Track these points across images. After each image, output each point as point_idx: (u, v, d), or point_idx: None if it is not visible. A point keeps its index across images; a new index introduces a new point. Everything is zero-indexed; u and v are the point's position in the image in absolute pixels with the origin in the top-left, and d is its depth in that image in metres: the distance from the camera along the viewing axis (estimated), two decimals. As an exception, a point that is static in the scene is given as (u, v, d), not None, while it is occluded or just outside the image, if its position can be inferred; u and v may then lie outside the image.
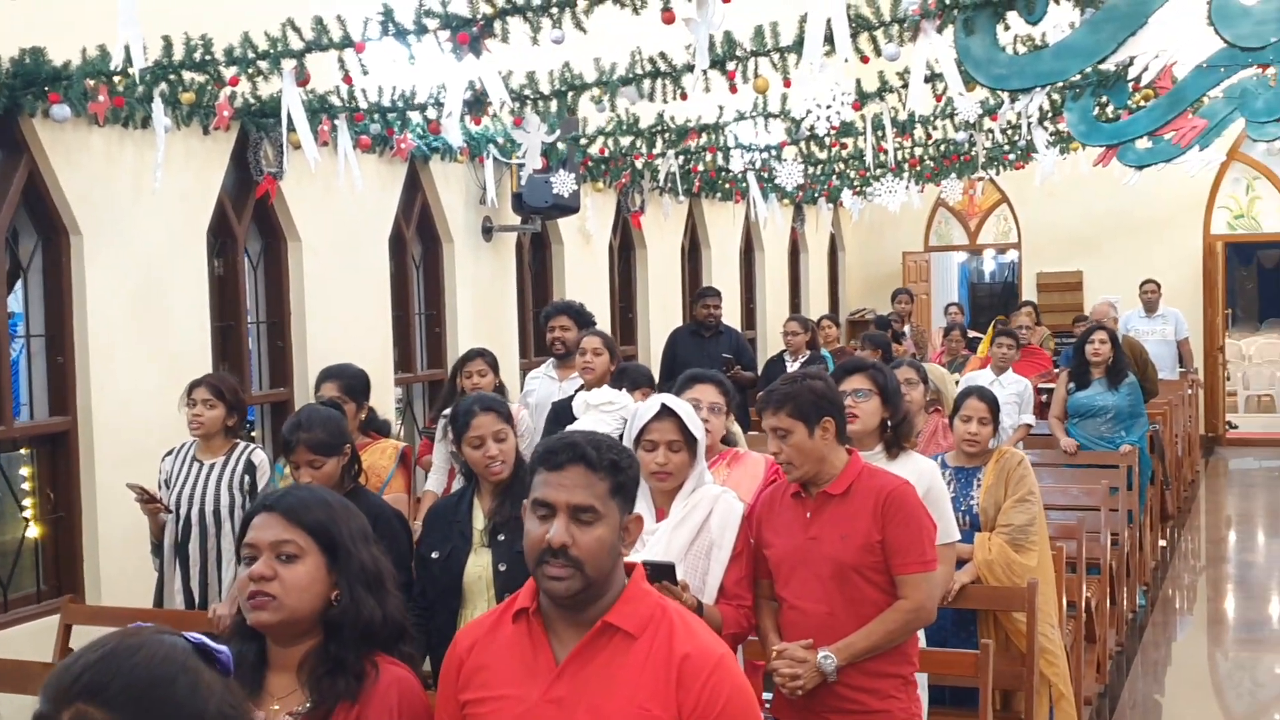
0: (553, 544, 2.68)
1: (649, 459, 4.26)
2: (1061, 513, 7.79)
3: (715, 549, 4.25)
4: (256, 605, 2.67)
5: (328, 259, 8.61)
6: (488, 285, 10.50)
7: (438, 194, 9.86)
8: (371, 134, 8.24)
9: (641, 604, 2.75)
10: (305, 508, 2.74)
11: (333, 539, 2.73)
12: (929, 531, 4.22)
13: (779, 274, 17.16)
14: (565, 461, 2.74)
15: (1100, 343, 9.61)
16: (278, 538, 2.70)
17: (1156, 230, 17.61)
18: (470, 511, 4.77)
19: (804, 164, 11.72)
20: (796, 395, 4.23)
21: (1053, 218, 18.07)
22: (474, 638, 2.85)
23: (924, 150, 12.17)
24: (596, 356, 7.30)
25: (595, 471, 2.73)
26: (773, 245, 16.76)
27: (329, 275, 8.62)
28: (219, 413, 5.95)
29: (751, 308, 16.44)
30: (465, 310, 10.18)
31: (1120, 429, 9.58)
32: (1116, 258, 17.72)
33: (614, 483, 2.75)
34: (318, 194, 8.35)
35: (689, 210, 14.35)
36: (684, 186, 12.28)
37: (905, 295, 15.52)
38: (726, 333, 11.48)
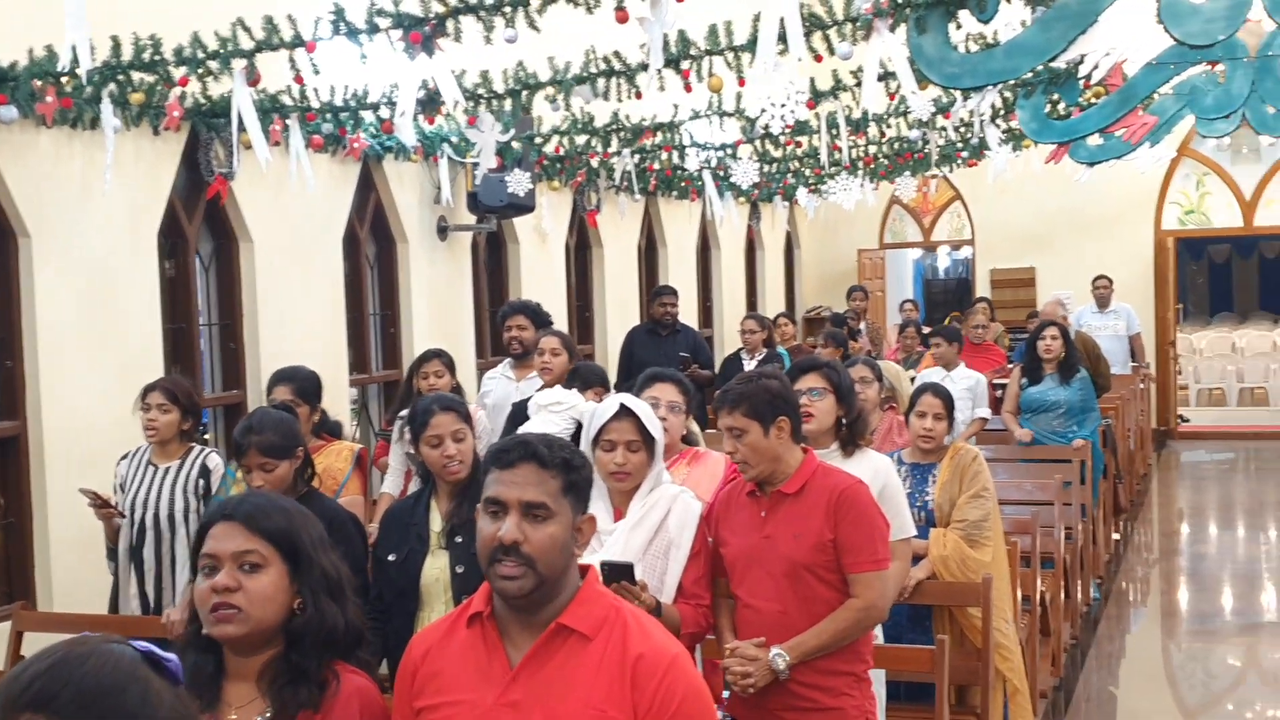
0: (504, 541, 2.67)
1: (607, 459, 4.26)
2: (1015, 507, 7.82)
3: (673, 548, 4.24)
4: (221, 619, 2.62)
5: (280, 260, 8.55)
6: (443, 285, 10.47)
7: (392, 194, 9.82)
8: (324, 133, 8.19)
9: (595, 605, 2.73)
10: (266, 515, 2.69)
11: (295, 547, 2.70)
12: (881, 530, 4.23)
13: (735, 272, 17.19)
14: (517, 459, 2.73)
15: (1052, 339, 9.69)
16: (240, 547, 2.65)
17: (1108, 226, 17.74)
18: (427, 513, 4.75)
19: (759, 162, 11.74)
20: (751, 395, 4.24)
21: (1006, 215, 18.17)
22: (428, 643, 2.83)
23: (878, 148, 12.21)
24: (555, 356, 7.29)
25: (547, 469, 2.72)
26: (729, 243, 16.78)
27: (282, 276, 8.57)
28: (174, 417, 5.91)
29: (708, 305, 16.46)
30: (420, 310, 10.14)
31: (1072, 424, 9.65)
32: (1069, 254, 17.84)
33: (566, 481, 2.74)
34: (270, 194, 8.29)
35: (645, 209, 14.35)
36: (640, 185, 12.28)
37: (860, 292, 15.58)
38: (684, 331, 11.48)
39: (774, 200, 15.81)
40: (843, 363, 5.60)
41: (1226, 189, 17.70)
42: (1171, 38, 6.38)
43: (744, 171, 10.81)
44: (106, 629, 5.73)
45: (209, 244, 8.34)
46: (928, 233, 19.41)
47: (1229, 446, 17.70)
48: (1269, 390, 20.99)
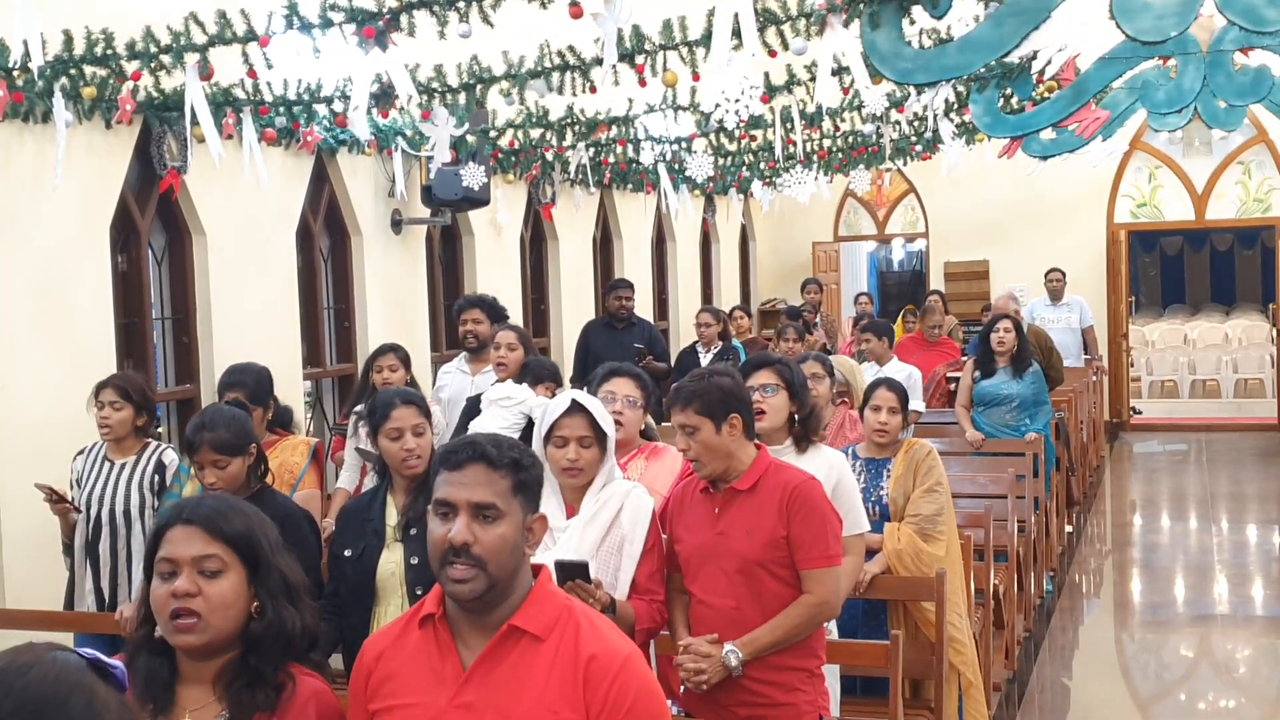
0: (454, 543, 2.67)
1: (559, 455, 4.28)
2: (969, 500, 7.89)
3: (627, 544, 4.26)
4: (181, 628, 2.61)
5: (233, 254, 8.52)
6: (397, 278, 10.45)
7: (345, 187, 9.79)
8: (277, 127, 8.17)
9: (548, 605, 2.75)
10: (225, 519, 2.68)
11: (255, 551, 2.69)
12: (834, 527, 4.26)
13: (690, 264, 17.22)
14: (465, 460, 2.73)
15: (1005, 331, 9.75)
16: (201, 552, 2.64)
17: (1061, 219, 17.87)
18: (383, 509, 4.75)
19: (714, 155, 11.78)
20: (703, 392, 4.26)
21: (959, 207, 18.28)
22: (381, 646, 2.84)
23: (832, 142, 12.26)
24: (511, 352, 7.28)
25: (496, 469, 2.72)
26: (684, 236, 16.81)
27: (235, 270, 8.53)
28: (127, 414, 5.89)
29: (664, 298, 16.48)
30: (375, 304, 10.12)
31: (1025, 417, 9.72)
32: (1022, 247, 17.97)
33: (515, 480, 2.75)
34: (223, 188, 8.26)
35: (600, 201, 14.35)
36: (595, 178, 12.29)
37: (815, 285, 15.64)
38: (639, 324, 11.50)
39: (729, 193, 15.86)
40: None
41: (1179, 182, 17.87)
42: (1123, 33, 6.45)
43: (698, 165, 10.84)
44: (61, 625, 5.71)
45: (161, 238, 8.30)
46: (882, 225, 19.50)
47: (1181, 438, 17.88)
48: (1220, 382, 21.20)
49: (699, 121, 9.82)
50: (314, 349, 9.72)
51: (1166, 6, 6.22)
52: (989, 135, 9.88)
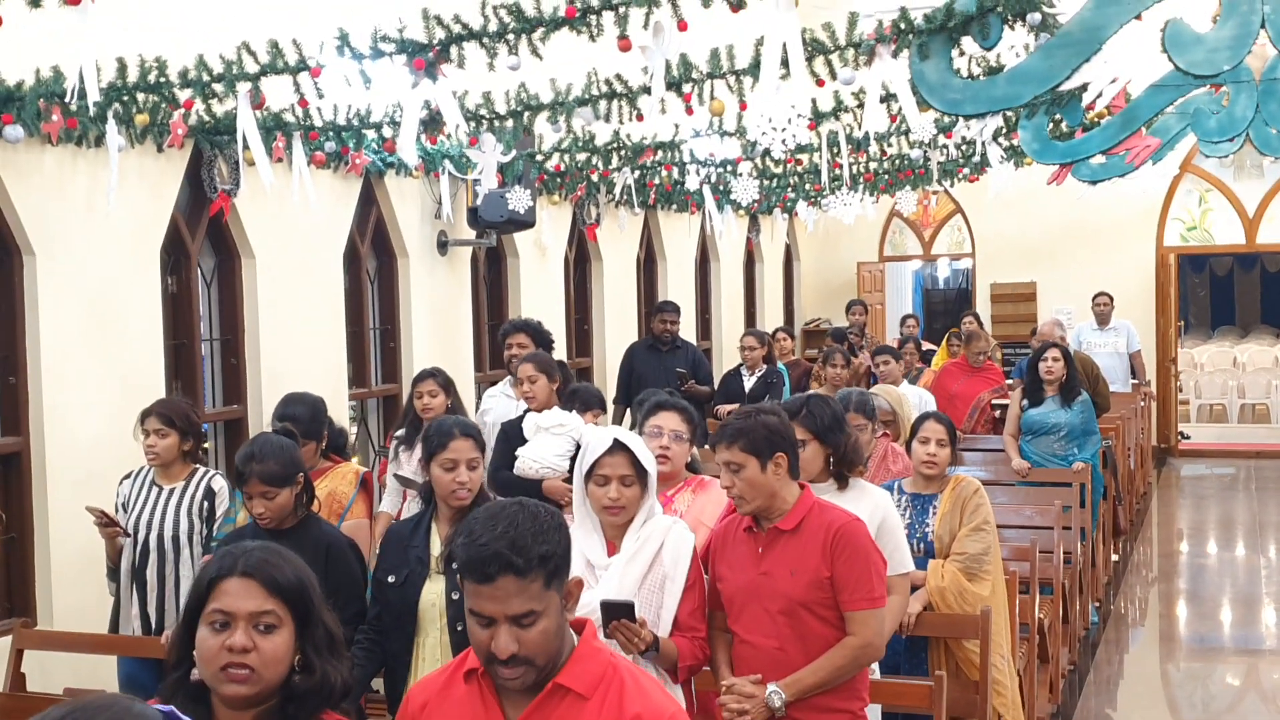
0: (500, 656, 2.69)
1: (601, 493, 4.31)
2: (1014, 532, 7.88)
3: (669, 582, 4.29)
4: (233, 679, 2.64)
5: (282, 275, 8.61)
6: (443, 299, 10.53)
7: (393, 209, 9.88)
8: (326, 150, 8.25)
9: (592, 663, 2.78)
10: (281, 572, 2.71)
11: (306, 605, 2.72)
12: (878, 568, 4.28)
13: (734, 284, 17.25)
14: (495, 574, 2.69)
15: (1054, 360, 9.70)
16: (259, 608, 2.67)
17: (1110, 242, 17.78)
18: (428, 537, 4.79)
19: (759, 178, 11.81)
20: (749, 430, 4.28)
21: (1006, 228, 18.22)
22: (425, 696, 2.88)
23: (878, 165, 12.27)
24: (533, 384, 7.26)
25: (526, 576, 2.70)
26: (728, 256, 16.84)
27: (283, 291, 8.62)
28: (173, 440, 5.95)
29: (707, 318, 16.51)
30: (420, 325, 10.20)
31: (1073, 446, 9.67)
32: (1070, 269, 17.89)
33: (547, 574, 2.73)
34: (272, 210, 8.35)
35: (644, 222, 14.40)
36: (639, 199, 12.34)
37: (860, 307, 15.63)
38: (683, 347, 11.52)
39: (773, 213, 15.87)
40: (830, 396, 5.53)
41: (1229, 205, 17.74)
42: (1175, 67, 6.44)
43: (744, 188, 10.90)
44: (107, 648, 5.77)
45: (211, 260, 8.40)
46: (928, 246, 19.48)
47: (1230, 463, 17.75)
48: (1270, 406, 21.01)
49: (745, 146, 9.86)
50: (359, 369, 9.80)
51: (1219, 40, 6.20)
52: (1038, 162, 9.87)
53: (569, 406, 7.03)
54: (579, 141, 9.60)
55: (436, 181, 9.83)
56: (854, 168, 12.03)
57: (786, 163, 11.70)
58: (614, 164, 10.54)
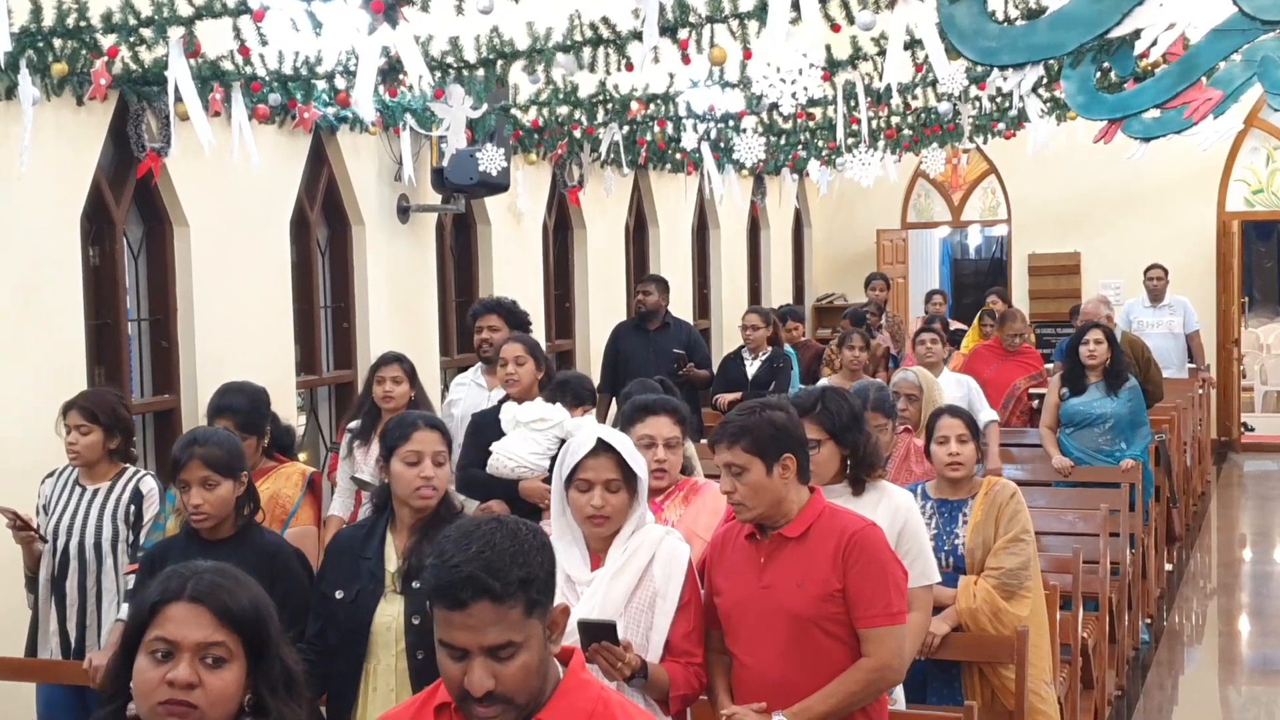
0: (475, 694, 2.67)
1: (583, 500, 4.29)
2: (1055, 539, 7.89)
3: (659, 599, 4.29)
4: (174, 715, 2.62)
5: (220, 245, 8.58)
6: (404, 273, 10.51)
7: (346, 170, 9.85)
8: (270, 104, 8.22)
9: (579, 698, 2.77)
10: (235, 599, 2.68)
11: (263, 639, 2.70)
12: (897, 579, 4.27)
13: (736, 254, 17.24)
14: (468, 600, 2.67)
15: (1095, 343, 9.68)
16: (207, 638, 2.65)
17: (1164, 207, 17.79)
18: (382, 547, 4.75)
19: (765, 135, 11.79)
20: (754, 428, 4.26)
21: (1047, 192, 18.21)
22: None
23: (901, 119, 12.25)
24: (520, 366, 7.21)
25: (504, 602, 2.68)
26: (729, 222, 16.83)
27: (221, 264, 8.60)
28: (96, 437, 5.95)
29: (705, 294, 16.50)
30: (378, 302, 10.18)
31: (1120, 440, 9.65)
32: (1118, 237, 17.90)
33: (527, 601, 2.71)
34: (208, 172, 8.31)
35: (634, 184, 14.38)
36: (628, 158, 12.32)
37: (881, 281, 15.59)
38: (675, 325, 11.50)
39: (781, 174, 15.85)
40: (845, 390, 5.51)
41: (1300, 165, 17.76)
42: (1240, 11, 6.43)
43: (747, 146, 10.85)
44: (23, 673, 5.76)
45: (139, 228, 8.38)
46: (957, 211, 19.48)
47: (1299, 459, 17.80)
48: (1345, 394, 21.06)
49: (749, 99, 9.84)
50: (309, 354, 9.79)
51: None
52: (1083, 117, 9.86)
53: (555, 399, 7.00)
54: (559, 93, 9.58)
55: (396, 139, 9.80)
56: (874, 123, 12.01)
57: (797, 117, 11.66)
58: (599, 119, 10.51)
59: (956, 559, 5.89)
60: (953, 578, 5.77)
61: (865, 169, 13.25)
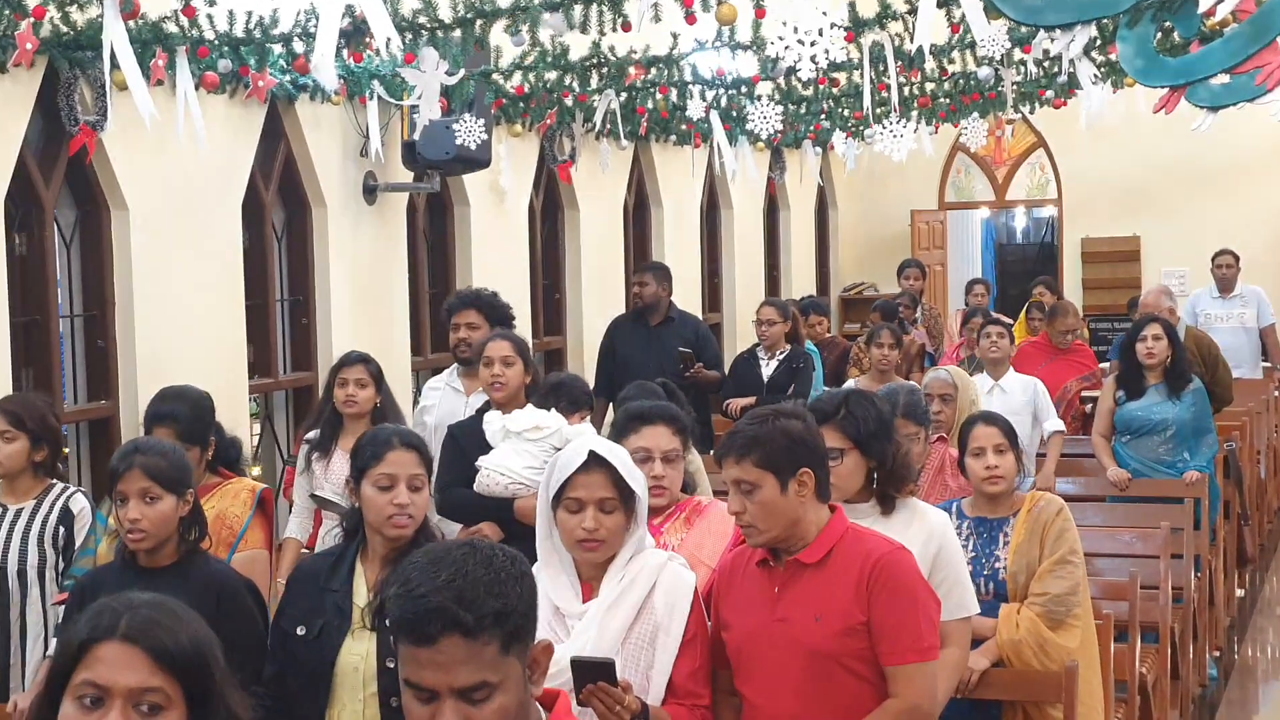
0: None
1: (574, 522, 4.29)
2: (1109, 562, 7.88)
3: (661, 634, 4.29)
4: None
5: (163, 232, 8.59)
6: (371, 261, 10.51)
7: (306, 145, 9.86)
8: (220, 71, 8.21)
9: None
10: (175, 639, 2.65)
11: (204, 683, 2.66)
12: (929, 610, 4.28)
13: (751, 238, 17.24)
14: (437, 634, 2.68)
15: (1154, 339, 9.63)
16: (142, 684, 2.61)
17: (1234, 185, 17.78)
18: (351, 578, 4.75)
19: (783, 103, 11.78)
20: (766, 439, 4.25)
21: (1102, 168, 18.21)
22: None
23: (937, 86, 12.24)
24: (508, 367, 7.17)
25: (477, 637, 2.69)
26: (743, 202, 16.83)
27: (165, 253, 8.60)
28: (20, 446, 5.95)
29: (716, 283, 16.51)
30: (341, 294, 10.18)
31: (1184, 450, 9.61)
32: (1183, 220, 17.90)
33: (504, 636, 2.72)
34: (149, 148, 8.31)
35: (634, 158, 14.39)
36: (627, 129, 12.31)
37: (916, 269, 15.60)
38: (680, 320, 11.45)
39: (802, 146, 15.83)
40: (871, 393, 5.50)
41: (1392, 137, 17.74)
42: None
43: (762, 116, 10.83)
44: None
45: (71, 213, 8.39)
46: (1001, 189, 19.50)
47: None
48: None
49: (763, 63, 9.83)
50: (264, 353, 9.80)
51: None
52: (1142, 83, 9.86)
53: (549, 404, 6.95)
54: (547, 56, 9.58)
55: (362, 109, 9.80)
56: (905, 89, 12.00)
57: (818, 83, 11.65)
58: (593, 85, 10.51)
59: (997, 584, 5.89)
60: (993, 606, 5.77)
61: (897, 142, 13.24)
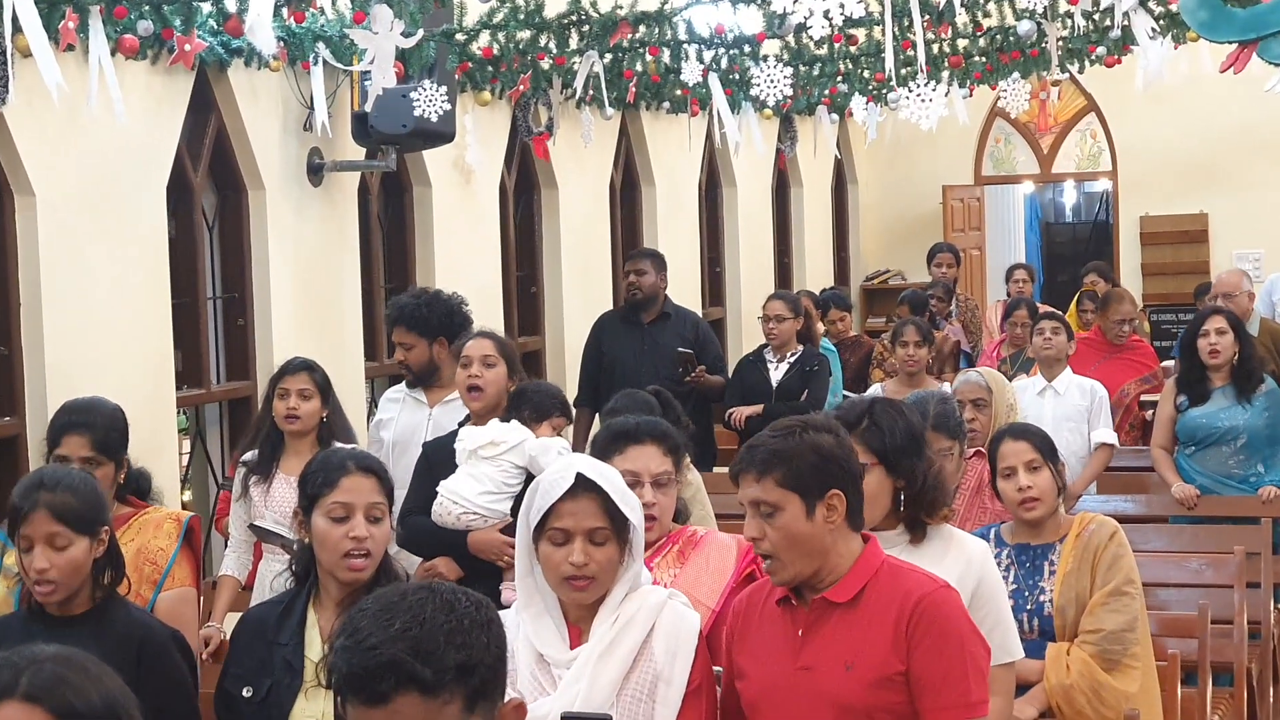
0: None
1: (559, 556, 4.28)
2: (1175, 593, 7.89)
3: (662, 684, 4.29)
4: None
5: (75, 221, 8.58)
6: (317, 252, 10.51)
7: (241, 118, 9.85)
8: (140, 33, 8.21)
9: None
10: (83, 696, 2.62)
11: None
12: (977, 659, 4.26)
13: (758, 221, 17.24)
14: (390, 691, 2.69)
15: (1218, 334, 9.56)
16: None
17: (1316, 155, 17.84)
18: (302, 629, 4.76)
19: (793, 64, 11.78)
20: (792, 455, 4.22)
21: (1163, 136, 18.25)
22: None
23: (971, 43, 12.24)
24: (488, 368, 7.16)
25: (437, 695, 2.71)
26: (748, 178, 16.84)
27: (77, 245, 8.60)
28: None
29: (717, 273, 16.50)
30: (283, 291, 10.17)
31: (1257, 462, 9.59)
32: (1257, 195, 17.94)
33: (469, 692, 2.74)
34: (59, 124, 8.31)
35: (621, 128, 14.40)
36: (613, 95, 12.30)
37: (949, 255, 15.60)
38: (678, 317, 11.40)
39: (816, 113, 15.83)
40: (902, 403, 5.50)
41: None
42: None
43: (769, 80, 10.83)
44: None
45: (-33, 200, 8.40)
46: (1047, 161, 19.52)
47: None
48: None
49: (768, 19, 9.84)
50: (193, 360, 9.79)
51: None
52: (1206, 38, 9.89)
53: (511, 415, 6.95)
54: (519, 14, 9.59)
55: (306, 76, 9.80)
56: (935, 47, 12.00)
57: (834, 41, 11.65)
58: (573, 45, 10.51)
59: (1043, 620, 5.90)
60: (1038, 645, 5.79)
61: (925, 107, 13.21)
